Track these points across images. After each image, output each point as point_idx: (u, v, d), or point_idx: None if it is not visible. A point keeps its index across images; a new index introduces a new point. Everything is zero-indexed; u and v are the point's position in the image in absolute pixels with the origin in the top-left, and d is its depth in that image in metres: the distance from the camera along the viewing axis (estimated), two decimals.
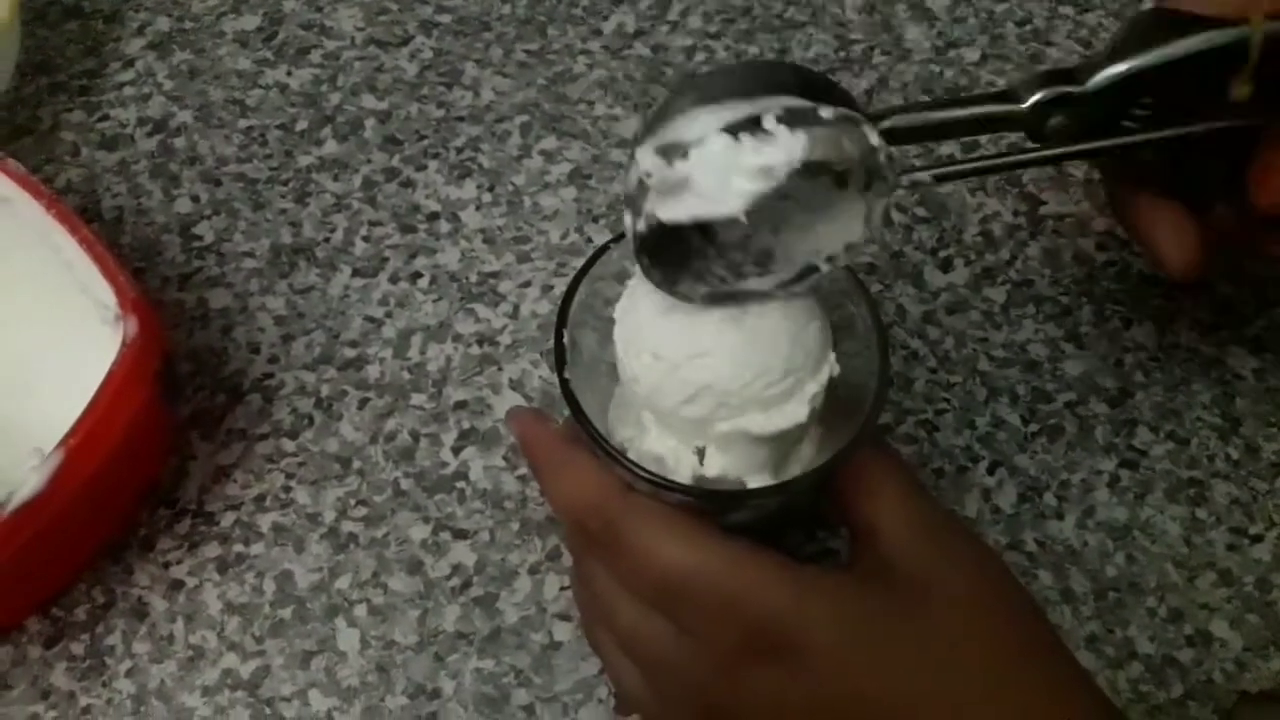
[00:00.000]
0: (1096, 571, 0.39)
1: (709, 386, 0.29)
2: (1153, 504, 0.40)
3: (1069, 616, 0.38)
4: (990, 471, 0.41)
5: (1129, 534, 0.40)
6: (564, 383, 0.31)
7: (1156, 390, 0.43)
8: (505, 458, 0.41)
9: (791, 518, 0.40)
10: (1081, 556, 0.39)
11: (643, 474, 0.30)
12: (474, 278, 0.45)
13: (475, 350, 0.43)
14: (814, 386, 0.30)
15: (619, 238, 0.34)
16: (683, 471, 0.31)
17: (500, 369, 0.42)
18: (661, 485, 0.30)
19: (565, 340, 0.32)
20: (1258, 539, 0.40)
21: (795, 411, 0.30)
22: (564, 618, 0.38)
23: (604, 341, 0.33)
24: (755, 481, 0.31)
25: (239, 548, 0.39)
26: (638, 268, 0.33)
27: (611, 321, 0.32)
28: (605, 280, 0.34)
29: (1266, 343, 0.44)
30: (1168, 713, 0.37)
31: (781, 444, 0.31)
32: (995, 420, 0.42)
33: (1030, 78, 0.32)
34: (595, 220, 0.46)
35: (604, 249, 0.34)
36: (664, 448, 0.32)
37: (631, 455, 0.31)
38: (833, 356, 0.31)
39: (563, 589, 0.38)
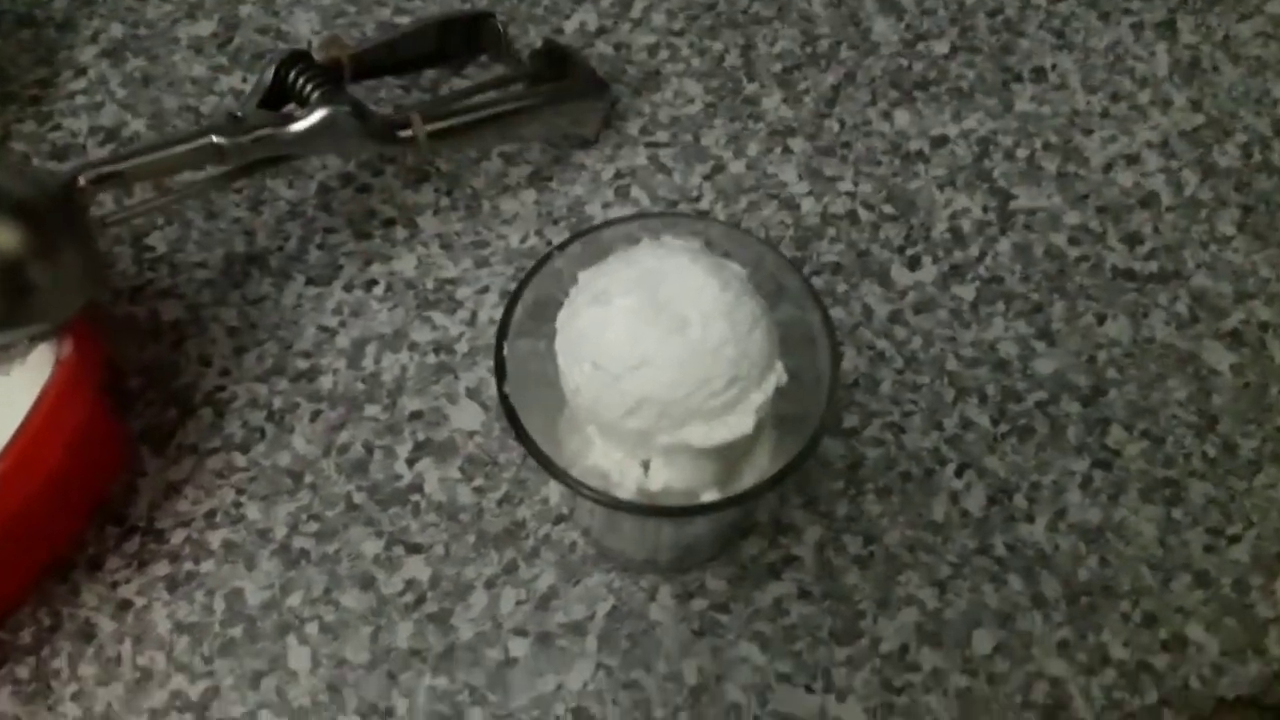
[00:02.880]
0: (1069, 575, 0.38)
1: (649, 398, 0.28)
2: (1127, 505, 0.39)
3: (1040, 622, 0.37)
4: (959, 474, 0.40)
5: (1102, 536, 0.39)
6: (504, 398, 0.30)
7: (1130, 388, 0.41)
8: (461, 469, 0.40)
9: (753, 524, 0.39)
10: (1053, 560, 0.38)
11: (586, 491, 0.29)
12: (430, 284, 0.44)
13: (431, 359, 0.42)
14: (759, 397, 0.29)
15: (565, 243, 0.33)
16: (628, 485, 0.30)
17: (457, 378, 0.42)
18: (605, 502, 0.29)
19: (505, 353, 0.31)
20: (1235, 540, 0.39)
21: (740, 423, 0.29)
22: (520, 633, 0.37)
23: (552, 350, 0.32)
24: (705, 494, 0.31)
25: (189, 565, 0.38)
26: (581, 275, 0.32)
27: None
28: (556, 286, 0.32)
29: (1244, 337, 0.42)
30: None
31: (729, 455, 0.30)
32: (964, 421, 0.41)
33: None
34: (555, 223, 0.45)
35: (547, 256, 0.33)
36: (609, 461, 0.31)
37: (578, 469, 0.31)
38: (780, 365, 0.30)
39: (518, 603, 0.37)
